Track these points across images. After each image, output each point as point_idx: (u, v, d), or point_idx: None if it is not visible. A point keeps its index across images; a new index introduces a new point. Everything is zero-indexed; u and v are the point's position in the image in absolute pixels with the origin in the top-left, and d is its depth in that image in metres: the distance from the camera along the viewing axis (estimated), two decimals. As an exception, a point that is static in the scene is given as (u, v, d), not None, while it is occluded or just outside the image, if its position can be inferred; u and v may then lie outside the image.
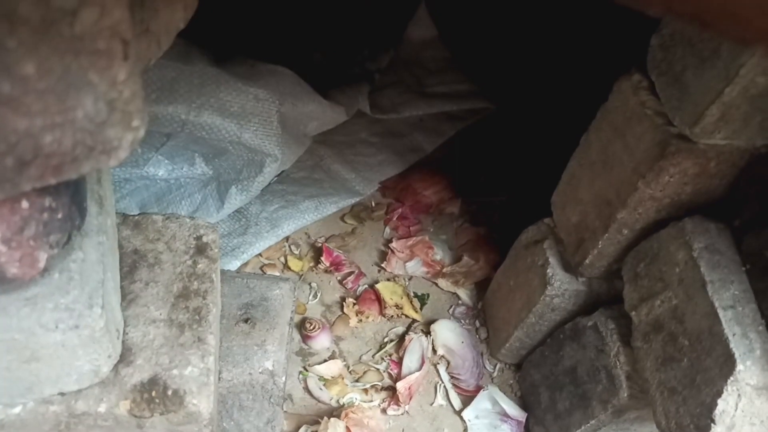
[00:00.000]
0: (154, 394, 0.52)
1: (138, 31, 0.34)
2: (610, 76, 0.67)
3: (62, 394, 0.49)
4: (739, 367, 0.49)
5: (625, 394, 0.64)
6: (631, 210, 0.63)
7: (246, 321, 0.71)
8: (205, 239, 0.61)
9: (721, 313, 0.52)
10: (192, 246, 0.60)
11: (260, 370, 0.69)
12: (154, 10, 0.36)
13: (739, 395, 0.49)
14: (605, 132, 0.68)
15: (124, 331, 0.54)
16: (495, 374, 0.89)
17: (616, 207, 0.64)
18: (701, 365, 0.53)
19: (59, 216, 0.38)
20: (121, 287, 0.56)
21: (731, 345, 0.50)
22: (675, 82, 0.57)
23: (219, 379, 0.67)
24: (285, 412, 0.80)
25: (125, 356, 0.53)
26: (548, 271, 0.73)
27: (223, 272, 0.76)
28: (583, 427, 0.70)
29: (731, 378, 0.49)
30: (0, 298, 0.41)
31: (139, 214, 0.62)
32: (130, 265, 0.58)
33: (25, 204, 0.34)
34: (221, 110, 0.91)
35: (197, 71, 0.92)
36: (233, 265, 0.90)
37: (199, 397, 0.52)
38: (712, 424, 0.50)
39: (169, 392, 0.52)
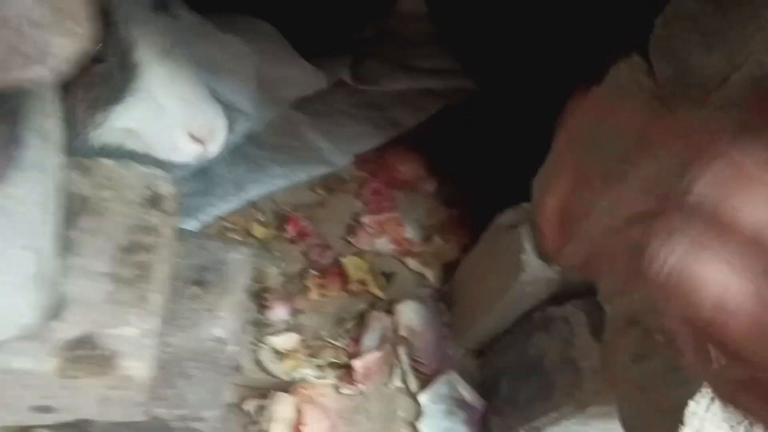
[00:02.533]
0: (84, 352, 0.47)
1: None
2: (601, 58, 0.64)
3: (-19, 344, 0.44)
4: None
5: (590, 389, 0.62)
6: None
7: (198, 284, 0.67)
8: (160, 191, 0.56)
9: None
10: (146, 197, 0.56)
11: (209, 338, 0.65)
12: None
13: (712, 398, 0.47)
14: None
15: (60, 282, 0.49)
16: (457, 359, 0.86)
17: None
18: (675, 364, 0.50)
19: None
20: (62, 234, 0.51)
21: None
22: (678, 66, 0.53)
23: (163, 343, 0.63)
24: (233, 383, 0.76)
25: (58, 310, 0.48)
26: (523, 257, 0.70)
27: (179, 230, 0.71)
28: (543, 419, 0.68)
29: (706, 380, 0.47)
30: None
31: (90, 158, 0.56)
32: (75, 211, 0.53)
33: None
34: (194, 58, 0.85)
35: (171, 16, 0.86)
36: (192, 225, 0.85)
37: (135, 360, 0.48)
38: (680, 425, 0.48)
39: (102, 352, 0.47)
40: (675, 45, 0.53)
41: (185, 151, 0.64)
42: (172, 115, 0.61)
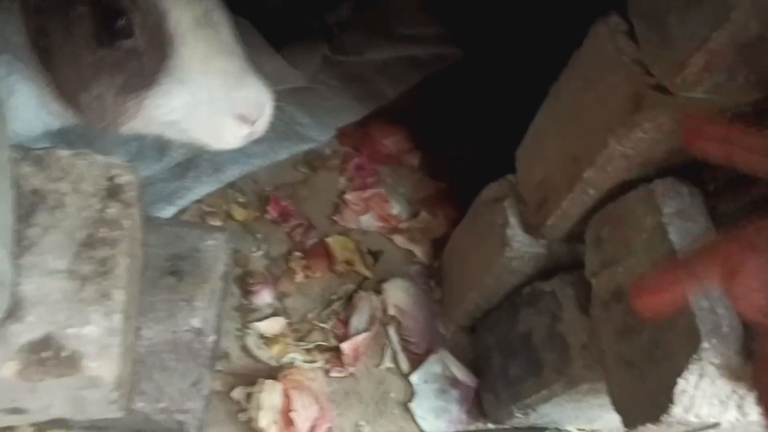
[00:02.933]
0: (46, 355, 0.45)
1: None
2: (588, 22, 0.60)
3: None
4: (704, 344, 0.45)
5: (580, 364, 0.60)
6: (599, 168, 0.57)
7: (173, 274, 0.65)
8: (118, 180, 0.54)
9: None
10: (103, 188, 0.53)
11: (186, 328, 0.63)
12: None
13: (701, 374, 0.45)
14: (577, 82, 0.61)
15: (15, 282, 0.47)
16: (449, 337, 0.84)
17: (583, 165, 0.58)
18: (662, 339, 0.48)
19: None
20: (16, 232, 0.49)
21: (697, 320, 0.45)
22: (657, 25, 0.50)
23: (139, 337, 0.61)
24: (220, 371, 0.75)
25: (14, 311, 0.46)
26: (508, 231, 0.67)
27: (151, 219, 0.69)
28: (534, 396, 0.66)
29: (695, 356, 0.45)
30: None
31: (42, 149, 0.54)
32: (28, 207, 0.50)
33: None
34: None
35: None
36: (168, 211, 0.82)
37: (99, 359, 0.46)
38: (670, 404, 0.46)
39: (64, 354, 0.45)
40: (655, 3, 0.50)
41: (233, 136, 0.56)
42: (215, 96, 0.53)
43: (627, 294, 0.52)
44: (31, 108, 0.56)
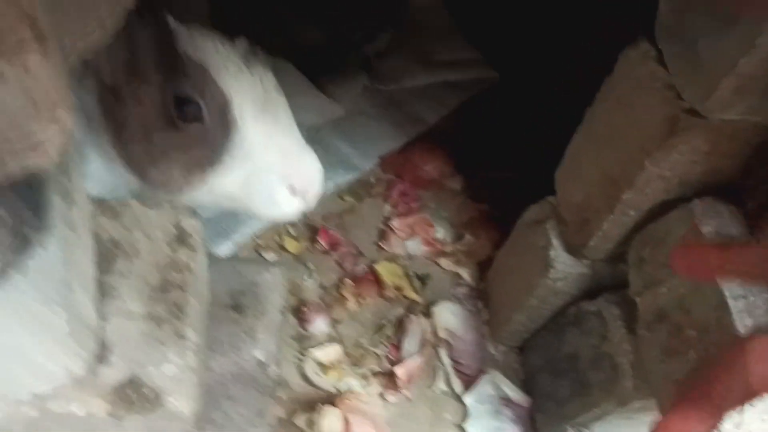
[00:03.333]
0: (131, 392, 0.50)
1: (70, 7, 0.30)
2: (620, 45, 0.62)
3: (35, 395, 0.47)
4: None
5: (629, 384, 0.61)
6: (638, 190, 0.59)
7: (234, 308, 0.69)
8: (185, 226, 0.58)
9: (731, 303, 0.48)
10: (172, 234, 0.58)
11: (249, 359, 0.67)
12: (91, -15, 0.32)
13: (749, 392, 0.46)
14: (611, 105, 0.63)
15: (100, 326, 0.52)
16: (498, 358, 0.86)
17: (621, 186, 0.60)
18: (708, 358, 0.49)
19: (8, 220, 0.36)
20: (97, 280, 0.54)
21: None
22: (686, 51, 0.52)
23: (207, 369, 0.65)
24: (281, 399, 0.79)
25: (101, 353, 0.51)
26: (550, 253, 0.69)
27: (211, 257, 0.73)
28: (584, 416, 0.67)
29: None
30: (-45, 302, 0.38)
31: (117, 201, 0.59)
32: (107, 255, 0.55)
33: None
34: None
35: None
36: (226, 246, 0.87)
37: (178, 395, 0.50)
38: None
39: (147, 391, 0.50)
40: (684, 29, 0.52)
41: (287, 208, 0.60)
42: (270, 173, 0.57)
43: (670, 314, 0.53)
44: (101, 175, 0.62)
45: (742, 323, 0.47)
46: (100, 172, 0.62)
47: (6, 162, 0.27)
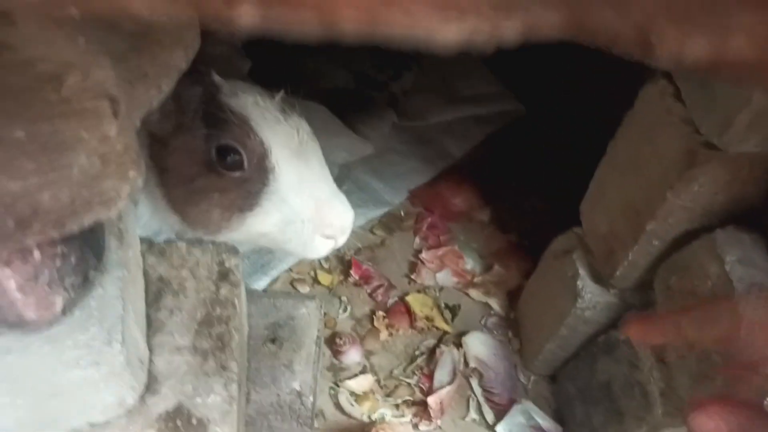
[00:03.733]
0: (179, 422, 0.53)
1: (134, 77, 0.34)
2: (641, 81, 0.65)
3: (90, 424, 0.51)
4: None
5: (660, 411, 0.61)
6: (661, 221, 0.60)
7: (273, 341, 0.72)
8: (227, 264, 0.62)
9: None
10: (215, 272, 0.61)
11: (288, 391, 0.69)
12: (151, 54, 0.36)
13: (777, 419, 0.47)
14: (633, 139, 0.65)
15: (149, 359, 0.55)
16: (529, 386, 0.87)
17: (645, 217, 0.62)
18: (734, 385, 0.50)
19: (73, 260, 0.39)
20: (147, 315, 0.57)
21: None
22: (701, 88, 0.54)
23: (248, 400, 0.68)
24: (317, 429, 0.81)
25: (151, 385, 0.54)
26: (578, 283, 0.71)
27: (250, 292, 0.77)
28: (619, 444, 0.68)
29: (766, 401, 0.46)
30: (23, 338, 0.42)
31: (164, 242, 0.63)
32: (155, 293, 0.59)
33: (36, 254, 0.35)
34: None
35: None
36: (263, 281, 0.91)
37: (222, 425, 0.53)
38: (751, 448, 0.48)
39: (194, 421, 0.53)
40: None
41: (318, 249, 0.64)
42: (304, 217, 0.61)
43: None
44: (148, 217, 0.66)
45: None
46: (147, 215, 0.67)
47: (81, 215, 0.31)
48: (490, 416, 0.84)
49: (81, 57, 0.25)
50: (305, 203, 0.60)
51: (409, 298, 0.93)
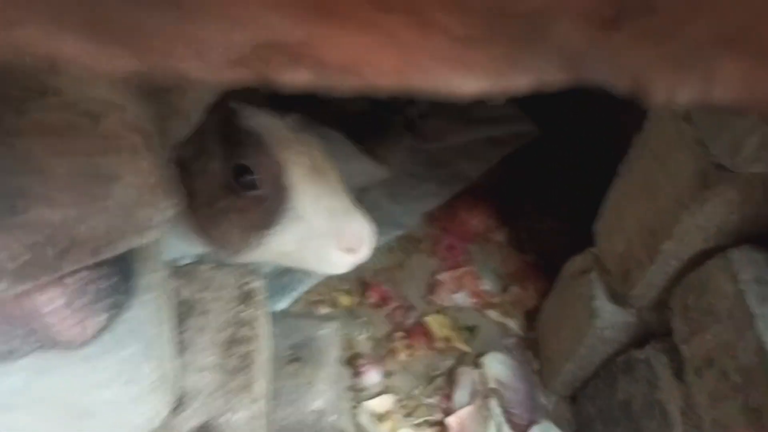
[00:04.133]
0: (205, 440, 0.54)
1: (166, 113, 0.37)
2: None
3: (120, 442, 0.52)
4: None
5: (680, 430, 0.61)
6: (677, 240, 0.61)
7: (295, 361, 0.73)
8: (249, 286, 0.64)
9: (772, 349, 0.49)
10: (238, 294, 0.63)
11: (310, 410, 0.71)
12: (181, 90, 0.38)
13: (797, 438, 0.47)
14: (645, 161, 0.66)
15: (179, 379, 0.57)
16: (550, 407, 0.87)
17: (661, 237, 0.63)
18: (754, 403, 0.50)
19: (105, 285, 0.41)
20: (175, 336, 0.59)
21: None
22: (711, 111, 0.55)
23: (272, 419, 0.69)
24: (338, 448, 0.82)
25: (180, 402, 0.56)
26: (596, 303, 0.71)
27: (271, 314, 0.79)
28: (640, 464, 0.68)
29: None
30: (57, 359, 0.44)
31: (188, 265, 0.65)
32: (181, 314, 0.61)
33: (70, 279, 0.37)
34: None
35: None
36: (284, 303, 0.93)
37: (247, 443, 0.54)
38: (771, 468, 0.48)
39: (219, 439, 0.54)
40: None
41: (339, 264, 0.63)
42: (322, 233, 0.61)
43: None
44: (172, 240, 0.69)
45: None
46: (170, 238, 0.69)
47: (116, 244, 0.33)
48: (510, 437, 0.84)
49: (119, 96, 0.27)
50: (322, 219, 0.61)
51: (427, 319, 0.94)
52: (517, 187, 1.11)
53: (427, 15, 0.11)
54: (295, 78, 0.12)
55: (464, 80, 0.12)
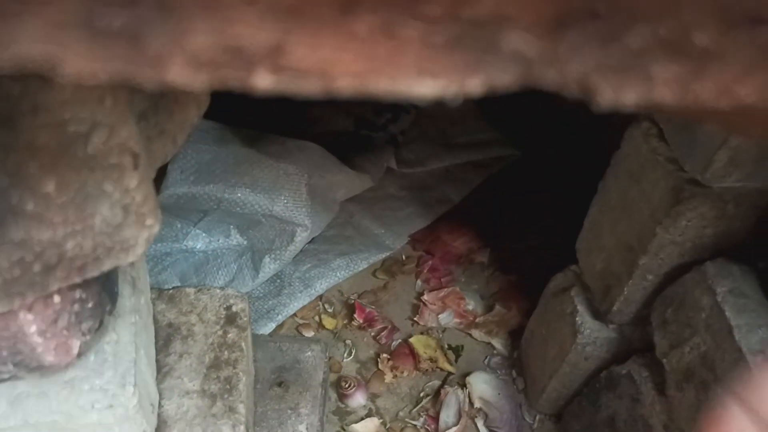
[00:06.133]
0: (188, 466, 0.53)
1: (153, 134, 0.37)
2: (626, 122, 0.68)
3: (103, 468, 0.52)
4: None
5: (664, 445, 0.62)
6: (653, 255, 0.62)
7: (279, 385, 0.73)
8: (234, 309, 0.64)
9: (750, 358, 0.51)
10: (222, 316, 0.63)
11: (295, 434, 0.70)
12: (168, 112, 0.39)
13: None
14: (621, 179, 0.68)
15: (159, 403, 0.56)
16: (535, 426, 0.87)
17: (638, 253, 0.64)
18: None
19: (90, 305, 0.41)
20: (157, 360, 0.59)
21: None
22: (682, 128, 0.57)
23: (255, 444, 0.69)
24: (324, 473, 0.81)
25: (161, 428, 0.55)
26: (577, 319, 0.72)
27: (256, 337, 0.78)
28: (625, 480, 0.68)
29: None
30: (40, 382, 0.44)
31: (173, 288, 0.65)
32: (165, 338, 0.61)
33: (56, 298, 0.37)
34: (254, 186, 0.96)
35: (231, 152, 0.98)
36: (269, 327, 0.92)
37: (231, 466, 0.54)
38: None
39: (203, 463, 0.53)
40: (678, 110, 0.57)
41: None
42: None
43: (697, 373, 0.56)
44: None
45: (762, 378, 0.49)
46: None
47: (102, 261, 0.33)
48: (497, 457, 0.84)
49: (108, 116, 0.28)
50: None
51: (412, 340, 0.94)
52: (499, 208, 1.13)
53: (394, 21, 0.12)
54: (259, 82, 0.13)
55: (421, 83, 0.14)
